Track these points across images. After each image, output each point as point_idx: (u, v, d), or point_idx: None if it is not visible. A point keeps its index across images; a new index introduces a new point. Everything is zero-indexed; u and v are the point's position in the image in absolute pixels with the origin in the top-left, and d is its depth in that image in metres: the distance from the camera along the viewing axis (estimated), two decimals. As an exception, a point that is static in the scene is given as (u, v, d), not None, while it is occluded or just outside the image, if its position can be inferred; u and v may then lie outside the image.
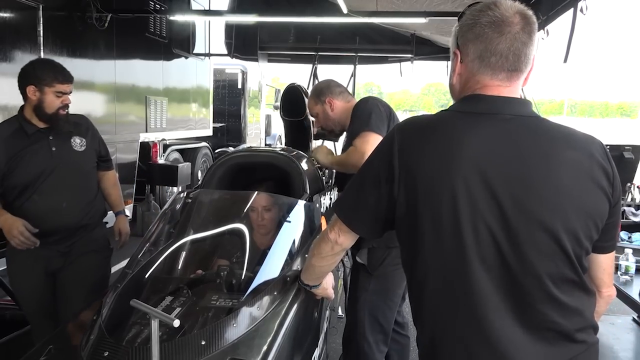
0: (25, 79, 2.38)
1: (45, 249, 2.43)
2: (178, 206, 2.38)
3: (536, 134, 1.21)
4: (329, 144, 4.94)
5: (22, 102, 2.46)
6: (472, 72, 1.27)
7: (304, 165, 2.82)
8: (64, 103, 2.44)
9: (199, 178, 8.21)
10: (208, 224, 2.33)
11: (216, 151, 9.82)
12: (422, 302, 1.27)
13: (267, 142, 13.03)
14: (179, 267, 2.10)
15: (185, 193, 2.40)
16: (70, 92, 2.46)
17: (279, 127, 13.43)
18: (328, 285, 1.92)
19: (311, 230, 2.36)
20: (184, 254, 2.15)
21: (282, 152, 2.89)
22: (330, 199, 3.06)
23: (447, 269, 1.20)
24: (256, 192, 2.35)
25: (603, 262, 1.33)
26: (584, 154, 1.20)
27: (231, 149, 9.57)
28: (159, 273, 2.03)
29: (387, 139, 1.32)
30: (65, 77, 2.42)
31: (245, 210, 2.30)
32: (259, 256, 2.19)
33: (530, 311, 1.18)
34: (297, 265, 2.05)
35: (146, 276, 1.98)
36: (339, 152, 6.18)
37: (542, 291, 1.18)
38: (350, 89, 6.41)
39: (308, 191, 2.60)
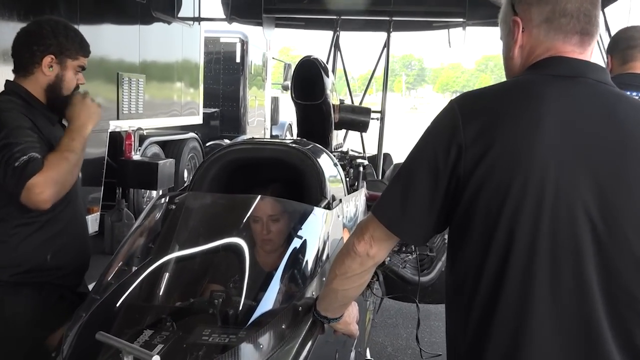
0: (42, 45, 2.32)
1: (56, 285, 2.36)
2: (159, 214, 2.42)
3: (633, 108, 1.35)
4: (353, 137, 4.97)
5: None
6: (538, 39, 1.42)
7: (323, 162, 2.84)
8: (80, 83, 2.45)
9: (186, 179, 8.29)
10: (198, 238, 2.36)
11: (207, 144, 9.90)
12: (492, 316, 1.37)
13: (274, 133, 13.10)
14: (161, 293, 2.13)
15: (168, 197, 2.44)
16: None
17: (289, 113, 13.48)
18: (352, 319, 1.94)
19: (330, 246, 2.38)
20: (166, 275, 2.18)
21: (293, 144, 2.91)
22: (356, 206, 3.08)
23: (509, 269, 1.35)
24: (260, 197, 2.38)
25: None
26: None
27: (227, 141, 9.65)
28: (134, 300, 2.07)
29: (443, 116, 1.43)
30: (88, 48, 2.45)
31: (245, 220, 2.33)
32: (263, 279, 2.21)
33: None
34: (311, 291, 2.07)
35: (118, 303, 2.01)
36: (368, 147, 6.22)
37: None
38: (381, 64, 6.43)
39: (328, 196, 2.63)
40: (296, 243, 2.30)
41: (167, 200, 2.43)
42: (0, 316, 2.23)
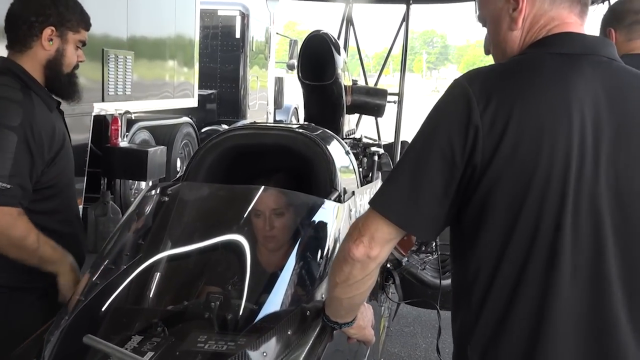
0: (42, 16, 2.32)
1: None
2: (149, 208, 2.43)
3: None
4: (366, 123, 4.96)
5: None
6: (542, 9, 1.50)
7: (333, 149, 2.84)
8: (79, 60, 2.48)
9: (179, 169, 8.32)
10: (193, 234, 2.37)
11: (203, 130, 9.93)
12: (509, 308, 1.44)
13: (278, 118, 13.12)
14: (151, 295, 2.15)
15: (160, 188, 2.45)
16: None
17: (295, 95, 13.49)
18: (366, 322, 1.96)
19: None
20: (158, 276, 2.19)
21: (300, 130, 2.93)
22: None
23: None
24: (263, 188, 2.39)
25: None
26: None
27: (225, 127, 9.66)
28: (122, 302, 2.08)
29: (453, 96, 1.46)
30: (89, 20, 2.47)
31: (246, 215, 2.34)
32: (266, 281, 2.23)
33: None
34: (321, 293, 2.08)
35: (104, 307, 2.03)
36: (384, 133, 6.19)
37: None
38: (399, 41, 6.40)
39: (338, 188, 2.64)
40: (303, 240, 2.32)
41: (158, 192, 2.43)
42: (4, 323, 2.29)
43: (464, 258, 1.51)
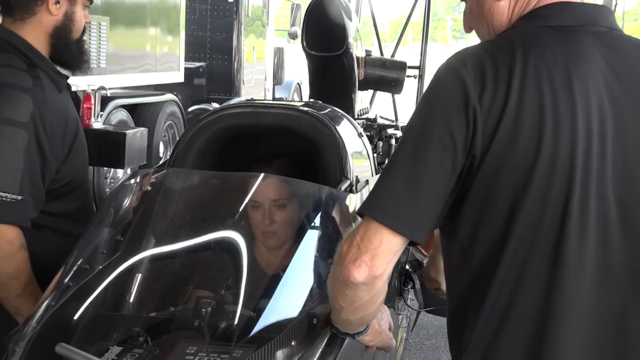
0: None
1: None
2: (129, 199, 2.44)
3: None
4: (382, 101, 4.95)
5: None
6: None
7: (344, 131, 2.84)
8: (86, 21, 2.50)
9: (162, 154, 8.33)
10: (180, 230, 2.39)
11: (190, 109, 9.93)
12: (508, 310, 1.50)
13: (277, 96, 13.11)
14: (132, 300, 2.17)
15: (142, 176, 2.46)
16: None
17: (297, 69, 13.47)
18: (383, 326, 1.99)
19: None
20: (139, 278, 2.21)
21: (305, 108, 2.92)
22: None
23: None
24: (262, 175, 2.40)
25: None
26: None
27: (216, 105, 9.65)
28: (98, 308, 2.09)
29: (445, 78, 1.52)
30: None
31: (243, 207, 2.35)
32: (265, 284, 2.24)
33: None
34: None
35: (78, 313, 2.04)
36: (402, 113, 6.21)
37: None
38: (420, 6, 6.39)
39: (350, 176, 2.64)
40: (308, 237, 2.32)
41: (140, 180, 2.44)
42: None
43: (458, 257, 1.57)
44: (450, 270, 1.66)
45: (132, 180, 2.48)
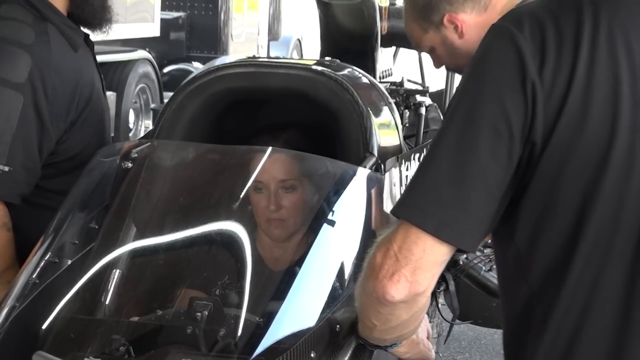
0: None
1: None
2: (105, 178, 2.44)
3: None
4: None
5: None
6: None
7: (368, 96, 2.83)
8: None
9: (132, 125, 8.33)
10: (168, 216, 2.40)
11: (166, 70, 9.91)
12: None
13: (273, 54, 13.07)
14: (110, 302, 2.17)
15: (123, 151, 2.45)
16: None
17: (298, 21, 13.45)
18: (420, 335, 2.01)
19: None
20: (118, 275, 2.21)
21: (321, 68, 2.91)
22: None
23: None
24: (270, 150, 2.39)
25: None
26: None
27: (198, 65, 9.64)
28: (69, 310, 2.09)
29: (497, 46, 1.50)
30: None
31: (244, 188, 2.35)
32: (272, 282, 2.26)
33: None
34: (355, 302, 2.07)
35: (47, 317, 2.03)
36: (431, 76, 6.19)
37: None
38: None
39: (375, 151, 2.63)
40: (325, 226, 2.31)
41: (121, 154, 2.44)
42: None
43: (515, 266, 1.55)
44: (505, 282, 1.64)
45: (109, 155, 2.47)
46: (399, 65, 6.08)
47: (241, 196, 2.35)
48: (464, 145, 1.45)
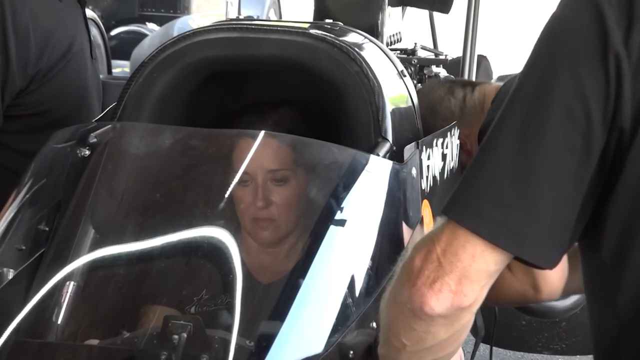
0: None
1: None
2: (57, 169, 2.45)
3: None
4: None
5: None
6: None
7: (379, 67, 2.85)
8: None
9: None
10: (133, 216, 2.42)
11: (114, 33, 9.94)
12: None
13: (244, 14, 13.10)
14: (63, 321, 2.17)
15: (79, 135, 2.44)
16: None
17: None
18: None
19: (398, 236, 2.40)
20: (73, 287, 2.21)
21: (321, 33, 2.91)
22: (445, 157, 3.06)
23: None
24: (262, 133, 2.40)
25: None
26: None
27: (153, 27, 9.66)
28: (14, 332, 2.08)
29: (576, 8, 1.47)
30: None
31: (231, 185, 2.36)
32: (267, 298, 2.27)
33: None
34: (370, 321, 2.08)
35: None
36: (445, 42, 6.22)
37: None
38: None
39: (390, 136, 2.64)
40: (331, 228, 2.31)
41: (73, 141, 2.44)
42: None
43: (600, 286, 1.53)
44: (591, 308, 1.61)
45: (61, 140, 2.47)
46: (409, 27, 6.13)
47: (225, 193, 2.36)
48: (529, 133, 1.42)
